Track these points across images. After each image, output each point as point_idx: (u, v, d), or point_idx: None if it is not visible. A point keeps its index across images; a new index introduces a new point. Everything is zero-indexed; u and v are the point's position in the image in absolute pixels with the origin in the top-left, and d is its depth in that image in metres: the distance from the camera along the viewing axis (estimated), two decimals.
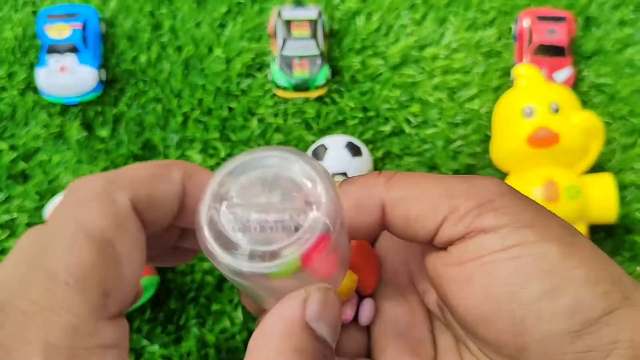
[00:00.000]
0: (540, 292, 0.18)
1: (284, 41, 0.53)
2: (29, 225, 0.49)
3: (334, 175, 0.46)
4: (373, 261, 0.26)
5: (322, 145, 0.47)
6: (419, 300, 0.25)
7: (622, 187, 0.51)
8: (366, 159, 0.48)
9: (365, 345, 0.26)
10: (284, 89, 0.53)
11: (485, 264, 0.19)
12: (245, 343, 0.46)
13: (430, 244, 0.22)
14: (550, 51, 0.53)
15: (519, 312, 0.19)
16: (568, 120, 0.46)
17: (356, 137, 0.52)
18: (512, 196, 0.20)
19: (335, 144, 0.47)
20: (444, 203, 0.20)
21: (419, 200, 0.21)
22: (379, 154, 0.52)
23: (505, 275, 0.19)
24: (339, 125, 0.53)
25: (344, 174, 0.46)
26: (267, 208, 0.19)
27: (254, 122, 0.53)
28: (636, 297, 0.19)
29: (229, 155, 0.52)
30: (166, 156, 0.51)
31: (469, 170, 0.52)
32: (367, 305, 0.26)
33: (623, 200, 0.50)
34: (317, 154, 0.47)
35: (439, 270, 0.21)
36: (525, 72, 0.50)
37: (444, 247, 0.21)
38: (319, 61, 0.53)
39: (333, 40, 0.56)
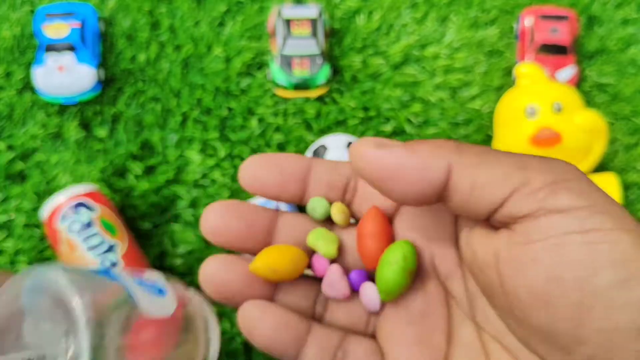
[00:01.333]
0: (613, 281, 0.17)
1: (284, 40, 0.52)
2: (27, 226, 0.48)
3: None
4: (385, 234, 0.23)
5: (323, 146, 0.47)
6: (439, 288, 0.23)
7: (625, 187, 0.50)
8: None
9: (364, 320, 0.24)
10: (284, 88, 0.52)
11: (557, 245, 0.18)
12: (245, 345, 0.46)
13: (485, 221, 0.20)
14: (553, 50, 0.53)
15: (588, 300, 0.18)
16: (571, 119, 0.46)
17: (357, 137, 0.51)
18: (587, 181, 0.19)
19: (335, 143, 0.47)
20: (517, 173, 0.19)
21: (490, 167, 0.19)
22: None
23: (577, 260, 0.18)
24: (339, 125, 0.52)
25: None
26: None
27: (253, 122, 0.52)
28: None
29: (229, 155, 0.51)
30: (165, 156, 0.51)
31: None
32: (368, 291, 0.23)
33: (626, 200, 0.50)
34: (318, 154, 0.47)
35: (497, 249, 0.20)
36: (528, 71, 0.49)
37: (503, 225, 0.20)
38: (319, 60, 0.52)
39: (334, 39, 0.56)
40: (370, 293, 0.23)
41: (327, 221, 0.24)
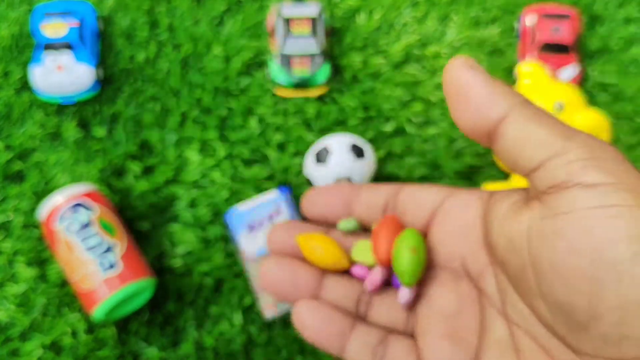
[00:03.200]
0: (626, 255, 0.18)
1: (284, 39, 0.52)
2: (25, 226, 0.48)
3: (339, 180, 0.46)
4: (393, 232, 0.26)
5: (325, 149, 0.47)
6: (472, 289, 0.25)
7: None
8: (369, 160, 0.47)
9: (403, 321, 0.26)
10: (284, 87, 0.52)
11: (578, 219, 0.19)
12: (244, 346, 0.46)
13: (521, 198, 0.22)
14: (555, 49, 0.53)
15: (601, 274, 0.18)
16: (573, 118, 0.46)
17: (358, 136, 0.51)
18: (622, 162, 0.20)
19: (338, 146, 0.46)
20: (559, 141, 0.20)
21: (540, 126, 0.21)
22: (381, 154, 0.51)
23: (595, 233, 0.19)
24: (339, 125, 0.52)
25: (348, 178, 0.46)
26: None
27: (253, 122, 0.52)
28: None
29: (228, 155, 0.51)
30: (164, 156, 0.51)
31: (472, 170, 0.51)
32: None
33: None
34: (320, 157, 0.47)
35: (530, 223, 0.21)
36: (530, 71, 0.49)
37: (538, 194, 0.21)
38: (319, 59, 0.52)
39: (334, 38, 0.55)
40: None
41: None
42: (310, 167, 0.47)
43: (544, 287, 0.20)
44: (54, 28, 0.51)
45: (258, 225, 0.46)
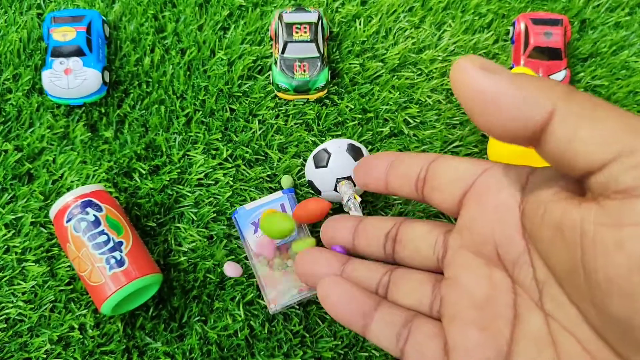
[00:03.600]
0: None
1: (285, 44, 0.54)
2: (34, 225, 0.49)
3: (339, 180, 0.47)
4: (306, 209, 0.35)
5: (325, 150, 0.48)
6: (505, 277, 0.22)
7: None
8: None
9: (427, 305, 0.25)
10: (285, 91, 0.53)
11: None
12: (247, 340, 0.47)
13: (571, 190, 0.19)
14: (547, 53, 0.54)
15: None
16: None
17: (355, 138, 0.53)
18: None
19: (337, 148, 0.48)
20: (625, 137, 0.17)
21: (597, 122, 0.17)
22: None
23: None
24: (338, 127, 0.54)
25: (349, 177, 0.47)
26: None
27: (255, 124, 0.53)
28: None
29: (231, 156, 0.52)
30: (169, 157, 0.52)
31: None
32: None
33: None
34: (320, 159, 0.48)
35: (584, 228, 0.18)
36: None
37: (594, 195, 0.18)
38: (319, 63, 0.53)
39: (333, 43, 0.57)
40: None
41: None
42: (311, 171, 0.49)
43: (597, 298, 0.18)
44: (62, 33, 0.53)
45: None
